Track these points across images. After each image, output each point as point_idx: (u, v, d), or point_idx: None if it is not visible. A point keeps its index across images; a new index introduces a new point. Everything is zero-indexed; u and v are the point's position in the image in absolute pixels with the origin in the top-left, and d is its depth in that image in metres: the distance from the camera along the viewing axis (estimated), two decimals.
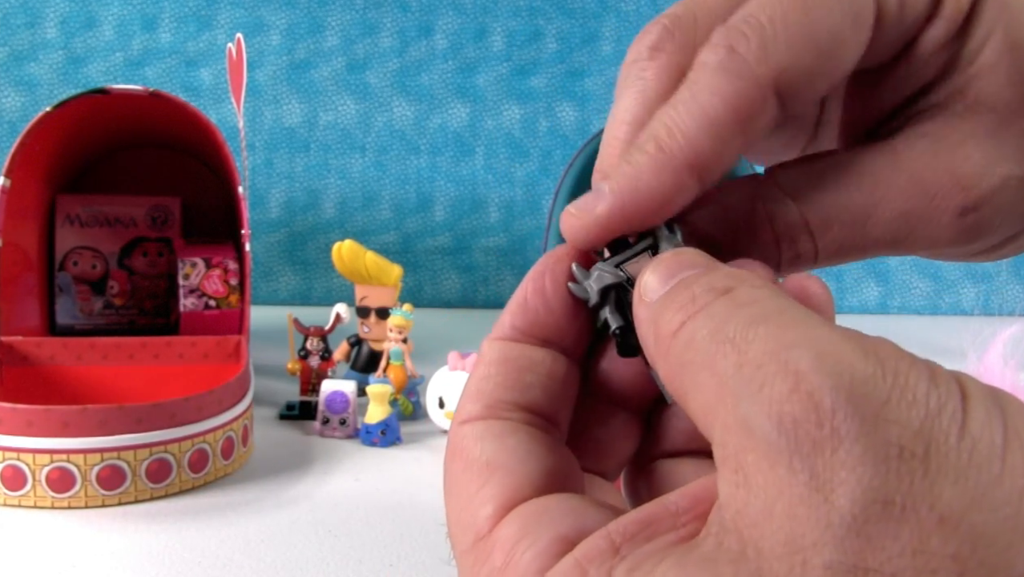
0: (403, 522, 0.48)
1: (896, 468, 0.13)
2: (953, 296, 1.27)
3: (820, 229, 0.21)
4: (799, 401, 0.14)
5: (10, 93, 1.14)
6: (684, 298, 0.16)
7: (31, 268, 0.76)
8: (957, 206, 0.21)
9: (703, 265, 0.17)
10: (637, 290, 0.18)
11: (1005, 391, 0.14)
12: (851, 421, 0.13)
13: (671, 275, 0.17)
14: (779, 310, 0.15)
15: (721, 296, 0.16)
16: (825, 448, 0.13)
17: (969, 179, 0.21)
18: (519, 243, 1.23)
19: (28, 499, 0.48)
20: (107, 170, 0.87)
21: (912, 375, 0.14)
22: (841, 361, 0.14)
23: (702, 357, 0.15)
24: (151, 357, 0.67)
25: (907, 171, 0.21)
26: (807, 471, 0.13)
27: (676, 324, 0.16)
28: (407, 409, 0.66)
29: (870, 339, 0.14)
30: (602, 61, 1.22)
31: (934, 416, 0.13)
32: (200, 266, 0.77)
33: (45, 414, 0.48)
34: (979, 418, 0.13)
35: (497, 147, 1.22)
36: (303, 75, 1.18)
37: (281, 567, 0.42)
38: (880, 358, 0.14)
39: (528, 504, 0.17)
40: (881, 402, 0.13)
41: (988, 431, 0.13)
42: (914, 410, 0.13)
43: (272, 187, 1.19)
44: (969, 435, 0.13)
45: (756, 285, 0.16)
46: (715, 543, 0.15)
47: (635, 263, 0.20)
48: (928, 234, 0.21)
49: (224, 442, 0.54)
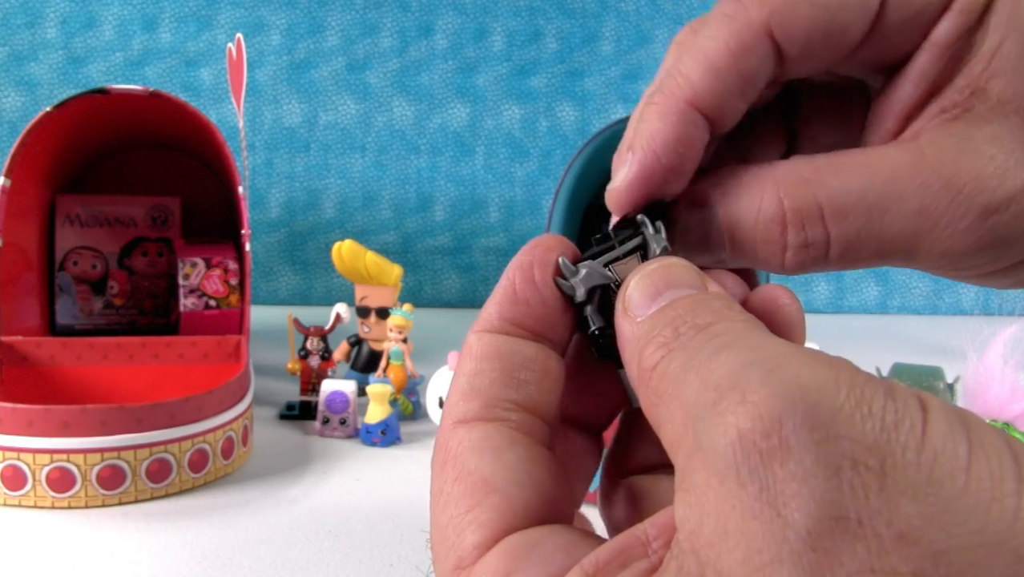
0: (403, 522, 0.48)
1: (849, 482, 0.13)
2: (953, 296, 1.27)
3: (835, 217, 0.20)
4: (746, 413, 0.13)
5: (10, 93, 1.14)
6: (668, 334, 0.16)
7: (31, 268, 0.76)
8: (980, 205, 0.20)
9: (689, 285, 0.17)
10: (620, 299, 0.18)
11: (967, 410, 0.14)
12: (800, 432, 0.13)
13: (656, 293, 0.17)
14: (746, 336, 0.15)
15: (699, 332, 0.16)
16: (774, 460, 0.13)
17: (993, 179, 0.20)
18: (519, 243, 1.23)
19: (28, 499, 0.48)
20: (107, 170, 0.87)
21: (868, 389, 0.13)
22: (791, 374, 0.14)
23: (673, 388, 0.15)
24: (151, 357, 0.67)
25: (930, 167, 0.21)
26: (756, 483, 0.13)
27: (656, 359, 0.16)
28: (407, 409, 0.66)
29: (828, 357, 0.14)
30: (602, 61, 1.22)
31: (891, 429, 0.13)
32: (200, 266, 0.77)
33: (45, 414, 0.48)
34: (940, 431, 0.13)
35: (497, 147, 1.22)
36: (303, 75, 1.18)
37: (281, 567, 0.42)
38: (835, 372, 0.14)
39: (518, 536, 0.17)
40: (832, 413, 0.13)
41: (951, 444, 0.13)
42: (869, 423, 0.13)
43: (272, 187, 1.19)
44: (930, 448, 0.13)
45: (734, 320, 0.16)
46: (676, 568, 0.14)
47: (623, 264, 0.20)
48: (947, 237, 0.21)
49: (224, 442, 0.54)
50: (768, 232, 0.21)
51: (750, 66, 0.20)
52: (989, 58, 0.21)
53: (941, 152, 0.21)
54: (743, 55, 0.20)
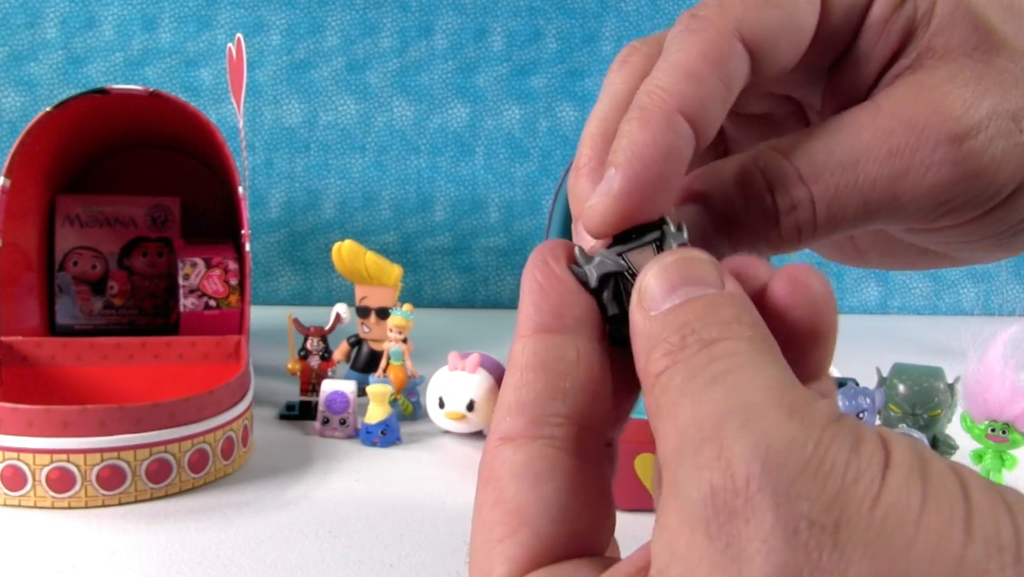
0: (403, 522, 0.48)
1: (805, 542, 0.13)
2: (953, 296, 1.27)
3: (811, 176, 0.21)
4: (719, 469, 0.14)
5: (10, 93, 1.14)
6: (675, 342, 0.16)
7: (31, 268, 0.76)
8: (948, 134, 0.21)
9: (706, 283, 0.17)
10: (637, 288, 0.18)
11: (935, 457, 0.14)
12: (764, 493, 0.13)
13: (672, 288, 0.17)
14: (742, 368, 0.15)
15: (704, 349, 0.16)
16: (740, 517, 0.14)
17: (955, 110, 0.21)
18: (519, 243, 1.23)
19: (28, 499, 0.48)
20: (107, 170, 0.87)
21: (834, 445, 0.14)
22: (764, 429, 0.14)
23: (670, 406, 0.16)
24: (151, 357, 0.67)
25: (889, 114, 0.21)
26: (723, 539, 0.14)
27: (661, 367, 0.16)
28: (407, 409, 0.66)
29: (804, 401, 0.15)
30: (602, 61, 1.22)
31: (849, 486, 0.13)
32: (200, 266, 0.77)
33: (45, 414, 0.48)
34: (896, 484, 0.13)
35: (497, 147, 1.22)
36: (303, 75, 1.18)
37: (281, 567, 0.42)
38: (805, 425, 0.14)
39: (544, 571, 0.17)
40: (796, 473, 0.14)
41: (904, 497, 0.13)
42: (829, 481, 0.13)
43: (272, 187, 1.19)
44: (883, 505, 0.13)
45: (740, 336, 0.16)
46: None
47: (639, 253, 0.20)
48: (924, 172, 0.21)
49: (224, 442, 0.54)
50: (758, 206, 0.21)
51: (729, 71, 0.21)
52: (928, 20, 0.22)
53: (897, 100, 0.22)
54: (721, 61, 0.21)
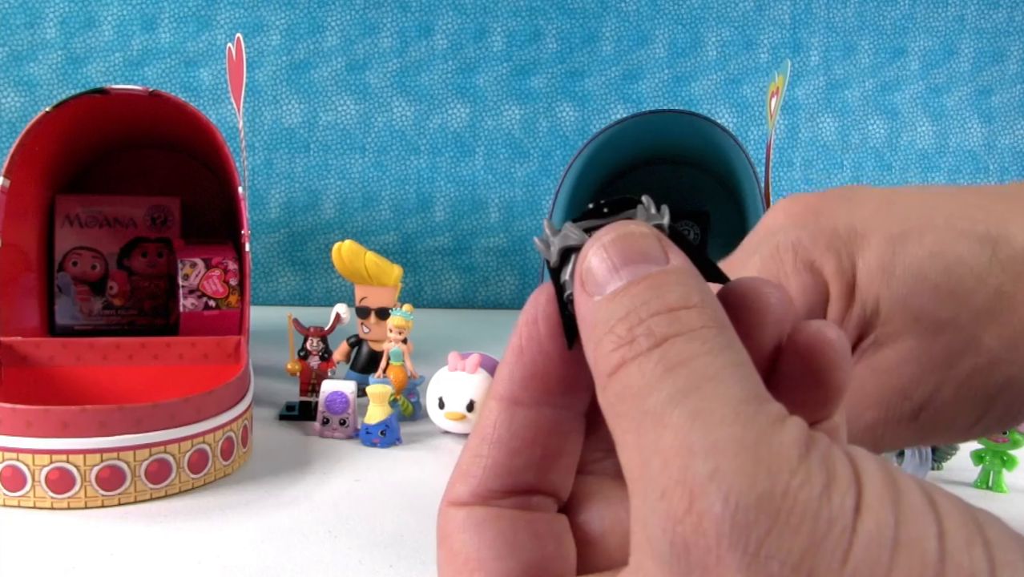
0: (403, 522, 0.48)
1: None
2: None
3: None
4: (691, 524, 0.14)
5: (10, 93, 1.14)
6: (621, 330, 0.16)
7: (31, 268, 0.76)
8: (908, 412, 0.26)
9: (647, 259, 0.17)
10: (578, 270, 0.17)
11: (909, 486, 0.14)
12: (734, 552, 0.14)
13: (615, 267, 0.17)
14: (705, 380, 0.15)
15: (656, 347, 0.15)
16: (711, 574, 0.14)
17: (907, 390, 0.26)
18: (519, 243, 1.23)
19: (28, 499, 0.48)
20: (107, 170, 0.87)
21: (803, 491, 0.14)
22: (732, 483, 0.14)
23: (628, 420, 0.15)
24: (151, 358, 0.67)
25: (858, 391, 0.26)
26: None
27: (613, 365, 0.16)
28: (407, 409, 0.66)
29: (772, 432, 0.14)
30: (602, 61, 1.22)
31: (820, 540, 0.13)
32: (200, 266, 0.77)
33: (45, 414, 0.48)
34: (867, 533, 0.13)
35: (497, 147, 1.22)
36: (303, 75, 1.18)
37: (281, 567, 0.42)
38: (773, 472, 0.14)
39: None
40: (765, 532, 0.13)
41: (875, 549, 0.13)
42: (798, 537, 0.13)
43: (272, 187, 1.19)
44: (853, 559, 0.13)
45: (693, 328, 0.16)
46: None
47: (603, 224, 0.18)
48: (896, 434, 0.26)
49: (224, 443, 0.54)
50: None
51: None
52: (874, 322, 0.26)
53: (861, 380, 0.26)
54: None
